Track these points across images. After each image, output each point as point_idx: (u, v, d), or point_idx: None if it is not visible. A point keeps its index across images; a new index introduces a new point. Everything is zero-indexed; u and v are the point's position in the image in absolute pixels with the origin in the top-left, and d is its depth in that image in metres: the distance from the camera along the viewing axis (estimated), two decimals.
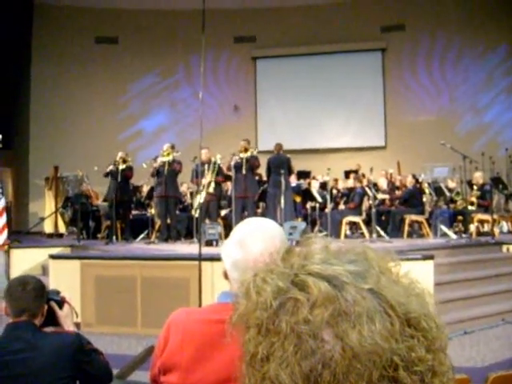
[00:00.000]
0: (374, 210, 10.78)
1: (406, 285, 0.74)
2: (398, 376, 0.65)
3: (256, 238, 1.69)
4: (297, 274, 0.72)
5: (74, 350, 2.64)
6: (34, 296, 2.68)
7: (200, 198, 9.96)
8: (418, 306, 0.70)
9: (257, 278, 0.75)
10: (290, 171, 11.02)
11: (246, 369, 0.71)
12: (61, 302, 2.85)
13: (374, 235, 10.42)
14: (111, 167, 11.33)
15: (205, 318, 1.72)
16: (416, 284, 0.75)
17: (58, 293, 2.88)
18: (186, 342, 1.69)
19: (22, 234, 13.76)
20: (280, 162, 10.76)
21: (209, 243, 9.51)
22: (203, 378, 1.65)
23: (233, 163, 10.75)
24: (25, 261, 9.89)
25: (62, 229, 14.06)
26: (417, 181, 11.99)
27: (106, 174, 11.49)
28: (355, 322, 0.66)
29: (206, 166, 10.93)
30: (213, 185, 10.98)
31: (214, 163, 11.06)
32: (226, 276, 1.77)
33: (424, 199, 11.79)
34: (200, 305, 6.15)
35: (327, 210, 11.48)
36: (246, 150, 10.86)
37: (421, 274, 0.77)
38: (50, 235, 13.76)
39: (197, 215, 10.39)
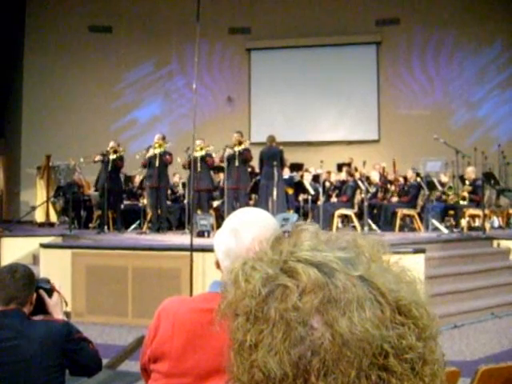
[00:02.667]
0: (366, 204, 10.80)
1: (396, 272, 0.73)
2: (389, 364, 0.65)
3: (249, 227, 1.68)
4: (286, 260, 0.71)
5: (63, 339, 2.63)
6: (23, 284, 2.66)
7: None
8: (409, 294, 0.70)
9: (246, 265, 0.74)
10: (282, 163, 11.03)
11: (234, 357, 0.70)
12: (50, 291, 2.83)
13: (366, 228, 10.45)
14: (99, 157, 11.36)
15: (196, 307, 1.71)
16: (407, 272, 0.74)
17: (47, 281, 2.87)
18: (177, 330, 1.69)
19: (13, 222, 13.71)
20: (272, 154, 10.76)
21: (200, 234, 9.52)
22: (194, 367, 1.65)
23: (226, 155, 10.76)
24: (15, 250, 9.86)
25: (53, 218, 14.00)
26: (417, 174, 11.95)
27: (94, 161, 11.53)
28: (345, 308, 0.65)
29: (199, 159, 10.94)
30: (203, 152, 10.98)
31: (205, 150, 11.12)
32: (218, 265, 1.77)
33: None
34: (191, 295, 6.15)
35: (319, 203, 11.50)
36: (239, 144, 10.87)
37: (412, 268, 0.76)
38: (42, 224, 13.71)
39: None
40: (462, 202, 10.97)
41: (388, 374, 0.65)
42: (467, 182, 11.30)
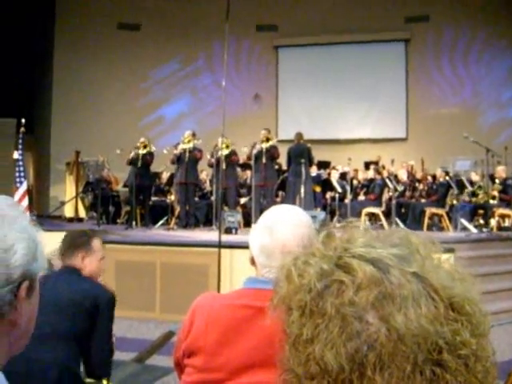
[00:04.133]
0: (393, 202, 10.73)
1: (449, 269, 0.74)
2: (443, 359, 0.66)
3: (284, 224, 1.70)
4: (341, 256, 0.72)
5: (104, 303, 2.88)
6: (67, 244, 3.08)
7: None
8: (462, 291, 0.70)
9: (298, 261, 0.76)
10: (310, 161, 11.01)
11: (290, 350, 0.71)
12: None
13: (394, 227, 10.36)
14: (132, 154, 11.40)
15: (230, 303, 1.73)
16: (459, 269, 0.75)
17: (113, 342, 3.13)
18: (211, 325, 1.70)
19: (43, 217, 13.89)
20: (300, 152, 10.75)
21: (228, 231, 9.53)
22: (227, 362, 1.66)
23: (254, 152, 10.77)
24: (45, 244, 9.92)
25: (82, 213, 14.18)
26: (447, 173, 11.82)
27: (130, 163, 11.54)
28: (401, 304, 0.66)
29: (223, 157, 10.98)
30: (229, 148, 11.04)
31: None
32: (252, 262, 1.78)
33: None
34: (218, 291, 6.18)
35: (347, 201, 11.46)
36: (267, 140, 10.87)
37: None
38: (71, 219, 13.88)
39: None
40: (491, 202, 10.82)
41: (442, 369, 0.66)
42: (497, 181, 11.14)
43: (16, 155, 10.25)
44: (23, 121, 10.11)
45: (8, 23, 15.82)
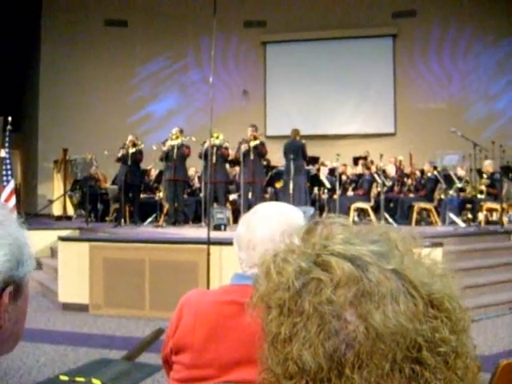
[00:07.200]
0: (382, 197, 10.76)
1: (428, 265, 0.73)
2: (422, 357, 0.65)
3: (264, 220, 1.69)
4: (319, 254, 0.71)
5: None
6: None
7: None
8: (442, 287, 0.70)
9: (277, 258, 0.75)
10: (304, 157, 11.00)
11: (268, 349, 0.71)
12: None
13: (382, 222, 10.40)
14: (122, 151, 11.34)
15: (218, 299, 1.72)
16: (438, 265, 0.74)
17: None
18: (199, 322, 1.69)
19: (31, 216, 13.82)
20: (295, 148, 10.74)
21: (217, 227, 9.53)
22: (215, 359, 1.65)
23: (242, 150, 10.75)
24: (33, 243, 9.90)
25: (70, 211, 14.13)
26: (435, 168, 11.85)
27: (118, 159, 11.48)
28: (379, 302, 0.65)
29: (215, 149, 10.96)
30: (220, 138, 11.00)
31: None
32: None
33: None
34: (208, 288, 6.17)
35: (336, 196, 11.48)
36: (254, 138, 10.87)
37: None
38: (59, 218, 13.82)
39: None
40: (479, 196, 10.88)
41: (421, 367, 0.66)
42: (485, 176, 11.20)
43: (3, 153, 10.17)
44: (10, 118, 10.03)
45: None
